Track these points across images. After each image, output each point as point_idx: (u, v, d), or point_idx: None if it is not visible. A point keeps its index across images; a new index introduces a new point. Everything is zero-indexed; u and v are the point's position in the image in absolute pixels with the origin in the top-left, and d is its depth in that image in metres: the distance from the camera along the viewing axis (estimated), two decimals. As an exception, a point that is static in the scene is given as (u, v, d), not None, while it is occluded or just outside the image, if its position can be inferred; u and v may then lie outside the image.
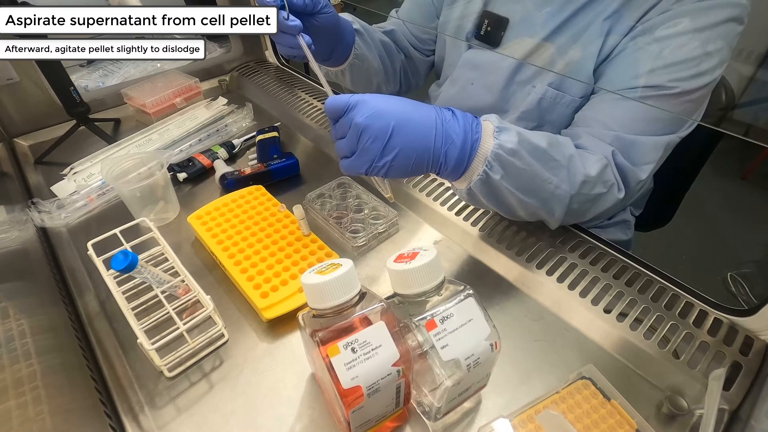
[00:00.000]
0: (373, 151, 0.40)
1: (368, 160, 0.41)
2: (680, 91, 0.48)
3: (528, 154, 0.43)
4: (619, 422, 0.37)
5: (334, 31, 0.60)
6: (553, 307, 0.49)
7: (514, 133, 0.43)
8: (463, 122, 0.42)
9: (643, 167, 0.51)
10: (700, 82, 0.47)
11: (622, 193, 0.51)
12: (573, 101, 0.57)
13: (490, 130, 0.43)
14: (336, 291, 0.32)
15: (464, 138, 0.42)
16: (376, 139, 0.39)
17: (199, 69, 0.98)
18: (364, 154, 0.40)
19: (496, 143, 0.42)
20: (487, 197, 0.45)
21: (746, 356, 0.42)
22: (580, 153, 0.49)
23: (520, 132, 0.44)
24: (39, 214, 0.61)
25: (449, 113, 0.42)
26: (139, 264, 0.44)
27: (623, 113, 0.51)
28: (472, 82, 0.67)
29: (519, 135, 0.43)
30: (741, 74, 0.74)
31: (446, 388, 0.32)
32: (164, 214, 0.62)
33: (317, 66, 0.51)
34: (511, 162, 0.42)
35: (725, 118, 0.72)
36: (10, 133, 0.82)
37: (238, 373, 0.44)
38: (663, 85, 0.48)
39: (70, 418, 0.38)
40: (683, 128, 0.51)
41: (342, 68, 0.68)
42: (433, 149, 0.41)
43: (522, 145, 0.43)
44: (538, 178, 0.45)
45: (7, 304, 0.45)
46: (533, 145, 0.44)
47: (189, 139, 0.78)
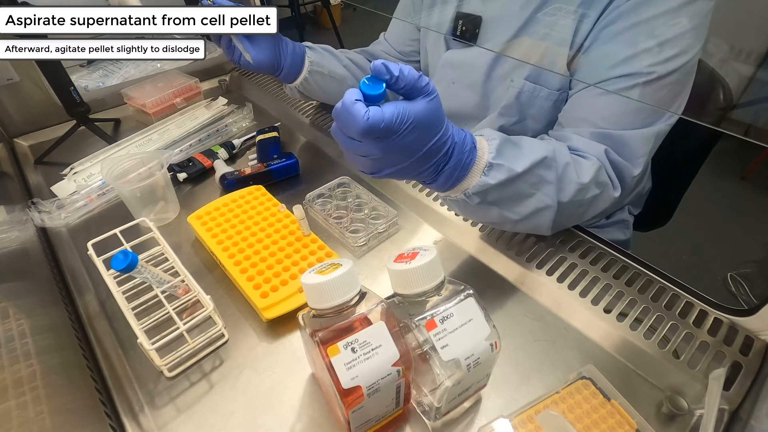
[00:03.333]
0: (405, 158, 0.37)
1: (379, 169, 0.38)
2: (658, 76, 0.47)
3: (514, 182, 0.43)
4: (619, 422, 0.37)
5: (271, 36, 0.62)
6: (553, 307, 0.49)
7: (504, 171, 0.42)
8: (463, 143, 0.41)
9: (636, 161, 0.51)
10: (677, 63, 0.47)
11: (617, 191, 0.51)
12: (551, 94, 0.58)
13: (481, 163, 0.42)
14: (336, 291, 0.32)
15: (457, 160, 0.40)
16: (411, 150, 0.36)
17: (199, 69, 0.98)
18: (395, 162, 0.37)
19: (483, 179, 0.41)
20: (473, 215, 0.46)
21: (746, 356, 0.41)
22: (575, 159, 0.49)
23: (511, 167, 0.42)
24: (39, 214, 0.61)
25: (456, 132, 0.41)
26: (139, 264, 0.44)
27: (607, 108, 0.51)
28: (454, 81, 0.69)
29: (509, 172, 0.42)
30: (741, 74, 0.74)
31: (446, 388, 0.32)
32: (164, 214, 0.62)
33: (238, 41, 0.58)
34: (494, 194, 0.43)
35: (725, 118, 0.72)
36: (10, 133, 0.82)
37: (238, 373, 0.44)
38: (640, 72, 0.48)
39: (70, 418, 0.38)
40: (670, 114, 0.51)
41: (304, 76, 0.69)
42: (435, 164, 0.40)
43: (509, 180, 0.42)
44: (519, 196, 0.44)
45: (7, 304, 0.45)
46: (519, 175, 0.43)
47: (189, 139, 0.78)
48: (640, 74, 0.48)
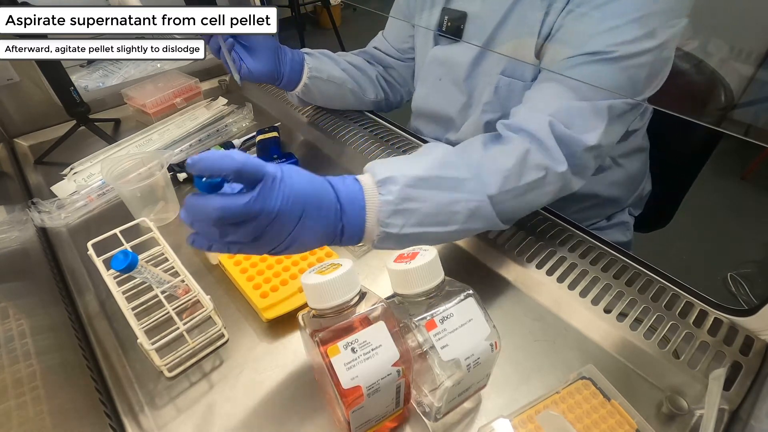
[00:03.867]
0: (279, 239, 0.35)
1: (269, 248, 0.36)
2: (619, 55, 0.47)
3: (420, 191, 0.41)
4: (619, 422, 0.37)
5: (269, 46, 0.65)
6: (553, 307, 0.49)
7: (398, 180, 0.40)
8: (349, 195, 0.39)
9: (588, 134, 0.48)
10: (644, 45, 0.46)
11: (563, 166, 0.47)
12: (526, 86, 0.58)
13: (371, 187, 0.40)
14: (336, 291, 0.32)
15: (352, 206, 0.39)
16: (284, 227, 0.35)
17: (199, 69, 0.98)
18: (268, 243, 0.35)
19: (382, 200, 0.40)
20: (399, 245, 0.42)
21: (746, 356, 0.41)
22: (492, 151, 0.48)
23: (405, 173, 0.41)
24: (39, 214, 0.61)
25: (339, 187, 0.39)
26: (139, 264, 0.44)
27: (561, 86, 0.50)
28: (440, 78, 0.69)
29: (403, 177, 0.40)
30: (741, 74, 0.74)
31: (446, 388, 0.32)
32: (164, 214, 0.62)
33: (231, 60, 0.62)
34: (405, 209, 0.40)
35: (725, 118, 0.72)
36: (10, 133, 0.82)
37: (238, 373, 0.44)
38: (600, 51, 0.47)
39: (70, 418, 0.38)
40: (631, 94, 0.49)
41: (304, 82, 0.70)
42: (333, 226, 0.38)
43: (409, 186, 0.41)
44: (442, 206, 0.42)
45: (7, 304, 0.45)
46: (422, 178, 0.42)
47: (189, 139, 0.78)
48: (600, 52, 0.47)
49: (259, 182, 0.33)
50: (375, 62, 0.81)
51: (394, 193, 0.40)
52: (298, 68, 0.69)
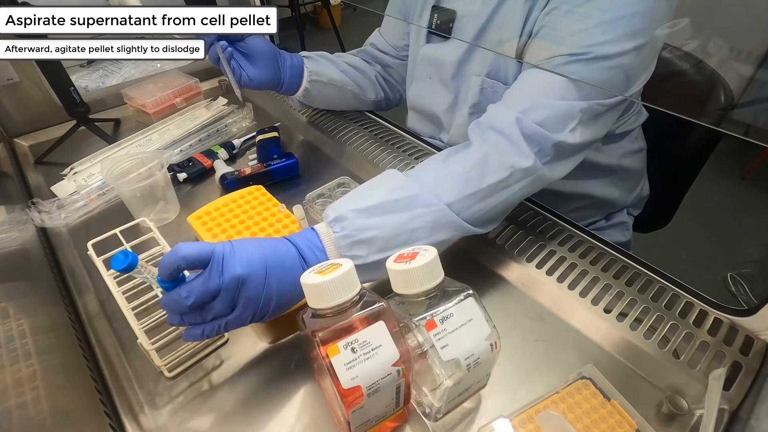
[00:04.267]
0: (256, 302, 0.37)
1: (251, 312, 0.38)
2: (595, 56, 0.46)
3: (373, 219, 0.43)
4: (619, 422, 0.37)
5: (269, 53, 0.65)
6: (553, 307, 0.49)
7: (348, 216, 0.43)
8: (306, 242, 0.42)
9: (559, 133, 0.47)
10: (621, 46, 0.46)
11: (529, 160, 0.46)
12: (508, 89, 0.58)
13: (325, 229, 0.43)
14: (336, 291, 0.32)
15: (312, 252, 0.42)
16: (254, 288, 0.37)
17: (199, 69, 0.98)
18: (247, 308, 0.37)
19: (337, 236, 0.42)
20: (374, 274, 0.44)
21: (746, 356, 0.41)
22: (450, 159, 0.48)
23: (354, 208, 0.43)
24: (39, 214, 0.61)
25: (296, 238, 0.42)
26: (139, 264, 0.44)
27: (536, 85, 0.50)
28: (430, 77, 0.70)
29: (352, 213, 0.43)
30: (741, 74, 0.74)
31: (446, 388, 0.32)
32: (164, 214, 0.62)
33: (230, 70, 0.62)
34: (362, 239, 0.42)
35: (725, 118, 0.72)
36: (10, 133, 0.82)
37: (238, 373, 0.44)
38: (576, 52, 0.47)
39: (70, 418, 0.38)
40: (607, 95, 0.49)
41: (304, 86, 0.71)
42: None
43: (361, 218, 0.43)
44: (399, 225, 0.43)
45: (7, 304, 0.45)
46: (372, 206, 0.43)
47: (189, 139, 0.78)
48: (576, 54, 0.47)
49: (209, 261, 0.37)
50: (373, 62, 0.81)
51: (347, 228, 0.42)
52: (298, 73, 0.70)
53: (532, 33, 0.54)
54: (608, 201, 0.72)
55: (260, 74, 0.64)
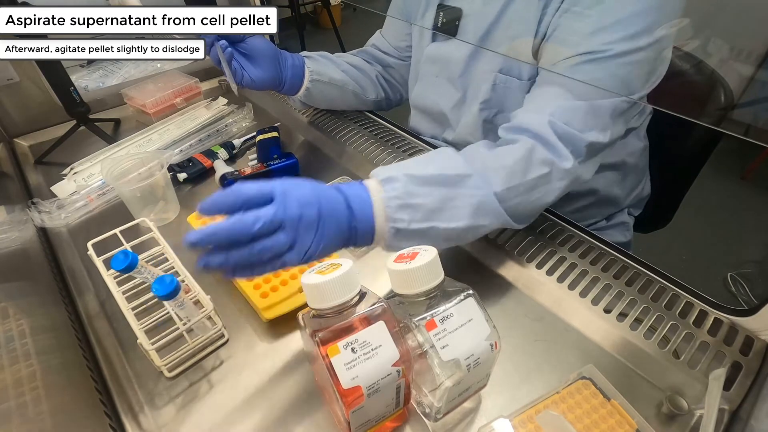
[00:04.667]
0: (308, 241, 0.38)
1: (303, 251, 0.38)
2: (615, 53, 0.47)
3: (423, 187, 0.43)
4: (619, 422, 0.37)
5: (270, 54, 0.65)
6: (553, 307, 0.49)
7: (400, 179, 0.43)
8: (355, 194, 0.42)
9: (588, 132, 0.49)
10: (638, 42, 0.47)
11: (568, 162, 0.48)
12: (522, 84, 0.58)
13: (375, 185, 0.43)
14: (336, 291, 0.32)
15: (360, 205, 0.42)
16: (308, 230, 0.38)
17: (199, 69, 0.98)
18: (303, 245, 0.37)
19: (386, 196, 0.42)
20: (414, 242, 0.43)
21: (746, 356, 0.42)
22: (496, 150, 0.49)
23: (406, 173, 0.43)
24: (39, 214, 0.61)
25: (345, 188, 0.42)
26: (139, 264, 0.44)
27: (559, 87, 0.51)
28: (436, 75, 0.69)
29: (405, 176, 0.43)
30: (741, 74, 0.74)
31: (446, 388, 0.32)
32: (164, 214, 0.62)
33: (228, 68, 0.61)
34: (409, 204, 0.42)
35: (725, 118, 0.72)
36: (10, 133, 0.82)
37: (238, 373, 0.44)
38: (595, 50, 0.48)
39: (70, 418, 0.38)
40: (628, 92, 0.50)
41: (305, 86, 0.71)
42: (347, 227, 0.40)
43: (411, 183, 0.43)
44: (446, 200, 0.44)
45: (7, 304, 0.45)
46: (424, 176, 0.44)
47: (189, 139, 0.78)
48: (595, 51, 0.48)
49: (272, 199, 0.37)
50: (374, 62, 0.81)
51: (398, 189, 0.42)
52: (299, 73, 0.70)
53: (546, 34, 0.54)
54: (611, 198, 0.72)
55: (262, 75, 0.64)
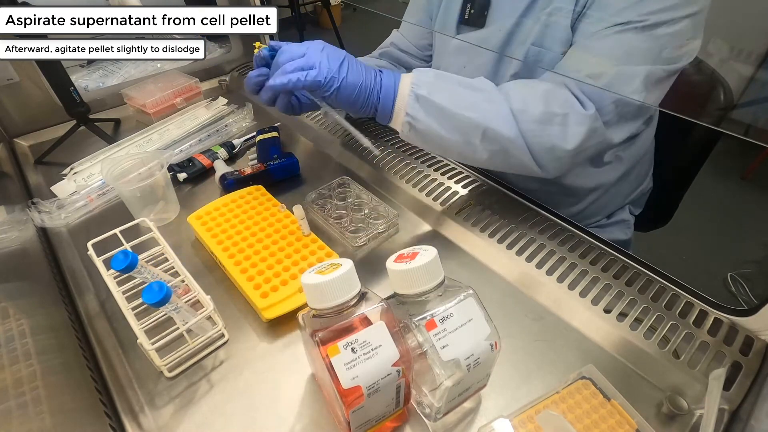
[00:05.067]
0: (333, 63, 0.47)
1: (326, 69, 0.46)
2: (652, 23, 0.48)
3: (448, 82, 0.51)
4: (619, 422, 0.37)
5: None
6: (553, 307, 0.49)
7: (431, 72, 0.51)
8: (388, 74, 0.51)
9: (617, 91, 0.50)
10: (675, 13, 0.47)
11: (590, 109, 0.50)
12: (555, 56, 0.58)
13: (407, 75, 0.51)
14: (336, 291, 0.32)
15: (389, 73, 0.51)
16: (331, 57, 0.47)
17: (199, 69, 0.98)
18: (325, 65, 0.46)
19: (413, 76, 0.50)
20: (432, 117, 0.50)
21: (746, 356, 0.41)
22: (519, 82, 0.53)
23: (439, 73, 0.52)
24: (39, 214, 0.61)
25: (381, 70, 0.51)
26: (139, 264, 0.44)
27: (594, 52, 0.52)
28: (465, 66, 0.69)
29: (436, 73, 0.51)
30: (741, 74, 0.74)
31: (446, 388, 0.32)
32: (164, 214, 0.62)
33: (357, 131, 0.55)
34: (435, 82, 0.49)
35: (725, 118, 0.72)
36: (10, 133, 0.82)
37: (238, 373, 0.44)
38: (632, 20, 0.48)
39: (70, 418, 0.38)
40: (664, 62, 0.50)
41: None
42: (372, 86, 0.49)
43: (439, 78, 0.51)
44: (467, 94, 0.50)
45: (7, 304, 0.45)
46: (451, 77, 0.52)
47: (189, 139, 0.78)
48: (632, 21, 0.48)
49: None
50: (398, 65, 0.81)
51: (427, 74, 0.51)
52: None
53: (586, 4, 0.54)
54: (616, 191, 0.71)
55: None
